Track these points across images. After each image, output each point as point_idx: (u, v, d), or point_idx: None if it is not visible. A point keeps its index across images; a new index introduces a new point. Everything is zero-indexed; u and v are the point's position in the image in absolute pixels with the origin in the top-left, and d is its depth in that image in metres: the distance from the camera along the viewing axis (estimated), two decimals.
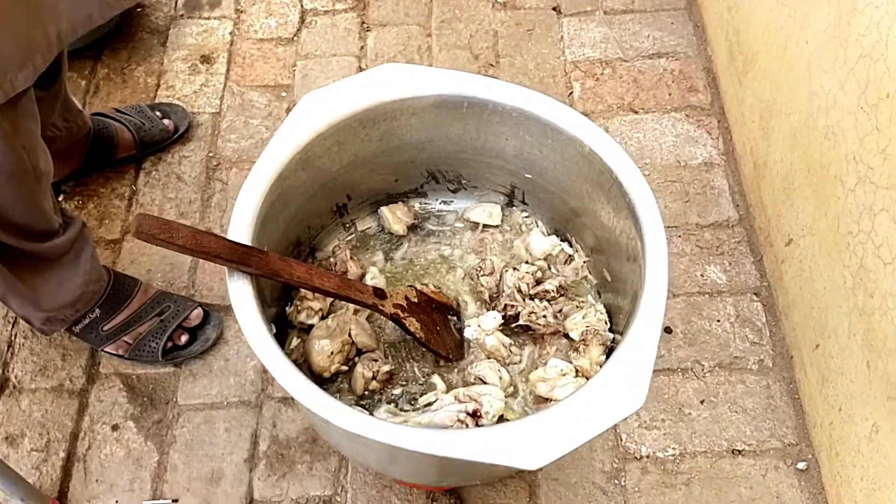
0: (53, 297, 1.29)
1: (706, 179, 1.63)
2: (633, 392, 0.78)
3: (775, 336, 1.45)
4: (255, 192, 0.90)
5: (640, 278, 0.88)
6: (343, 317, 1.03)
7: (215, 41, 1.85)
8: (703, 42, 1.82)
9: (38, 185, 1.13)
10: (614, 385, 0.78)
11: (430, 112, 1.01)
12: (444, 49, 1.84)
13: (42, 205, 1.16)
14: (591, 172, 0.98)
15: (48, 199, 1.18)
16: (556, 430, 0.75)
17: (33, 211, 1.15)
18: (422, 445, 0.74)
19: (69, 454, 1.36)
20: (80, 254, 1.29)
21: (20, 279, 1.23)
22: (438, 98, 1.00)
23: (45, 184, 1.15)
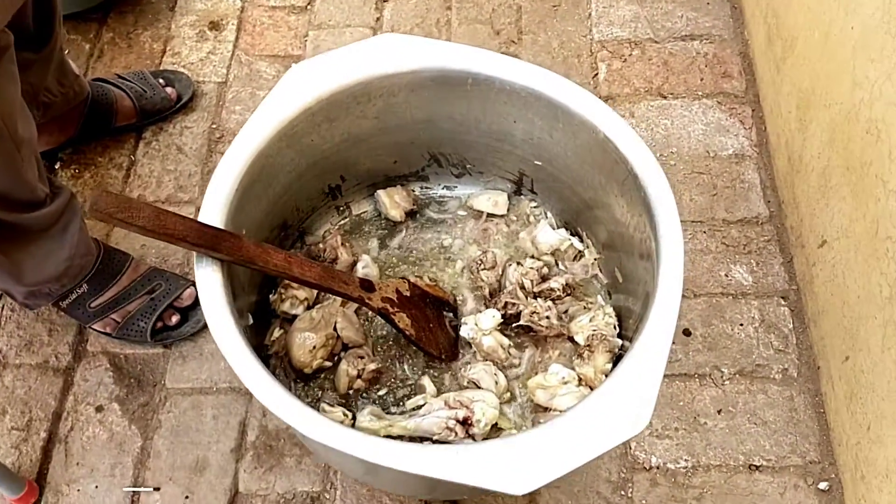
0: (37, 271, 1.22)
1: (736, 172, 1.53)
2: (637, 414, 0.69)
3: (802, 344, 1.35)
4: (232, 169, 0.82)
5: (652, 281, 0.79)
6: (329, 308, 0.96)
7: (225, 7, 1.77)
8: (740, 24, 1.71)
9: (18, 153, 1.05)
10: (616, 404, 0.70)
11: (430, 88, 0.93)
12: (463, 23, 1.74)
13: (23, 173, 1.09)
14: (604, 162, 0.89)
15: (31, 167, 1.11)
16: (546, 452, 0.67)
17: (13, 180, 1.08)
18: (394, 462, 0.66)
19: (50, 434, 1.31)
20: (68, 226, 1.22)
21: (1, 251, 1.16)
22: (439, 73, 0.91)
23: (25, 151, 1.08)
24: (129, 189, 1.54)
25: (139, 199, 1.52)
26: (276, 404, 0.70)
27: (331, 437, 0.68)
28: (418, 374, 0.95)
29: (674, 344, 1.35)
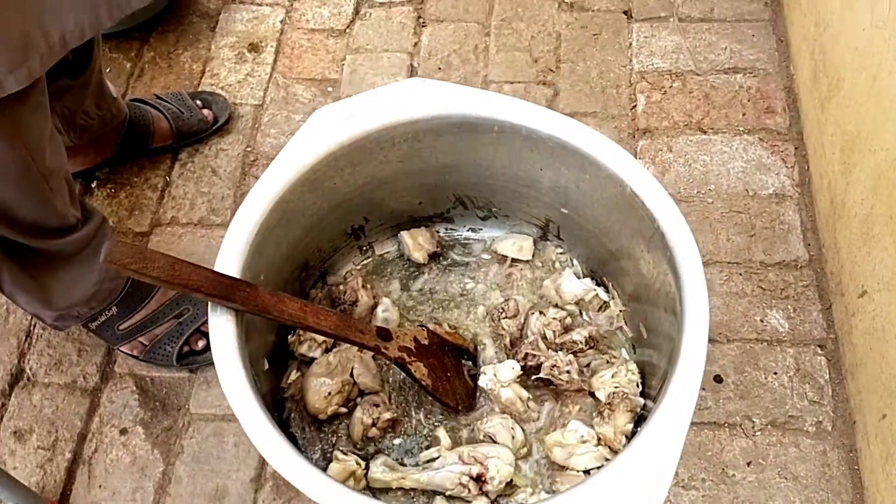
0: (66, 295, 1.24)
1: (776, 212, 1.48)
2: (651, 494, 0.67)
3: (838, 397, 1.30)
4: (251, 217, 0.82)
5: (676, 344, 0.76)
6: (346, 353, 0.95)
7: (265, 29, 1.78)
8: (785, 59, 1.66)
9: (47, 184, 1.07)
10: (630, 481, 0.67)
11: (456, 134, 0.91)
12: (501, 50, 1.73)
13: (52, 202, 1.10)
14: (631, 216, 0.86)
15: (62, 195, 1.12)
16: None
17: (42, 209, 1.09)
18: None
19: (75, 455, 1.32)
20: (98, 250, 1.23)
21: (30, 276, 1.17)
22: (465, 119, 0.89)
23: (55, 181, 1.09)
24: (164, 210, 1.55)
25: (172, 220, 1.53)
26: (283, 465, 0.69)
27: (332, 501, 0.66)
28: (434, 425, 0.93)
29: (704, 390, 1.31)
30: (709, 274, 1.40)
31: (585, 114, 1.62)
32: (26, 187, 1.03)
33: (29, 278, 1.17)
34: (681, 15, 1.74)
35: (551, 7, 1.78)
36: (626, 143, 1.58)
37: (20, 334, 1.43)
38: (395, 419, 0.93)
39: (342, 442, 0.93)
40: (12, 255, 1.13)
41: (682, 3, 1.76)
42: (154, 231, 1.53)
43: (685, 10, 1.75)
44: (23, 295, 1.19)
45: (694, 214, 1.49)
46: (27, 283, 1.17)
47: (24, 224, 1.09)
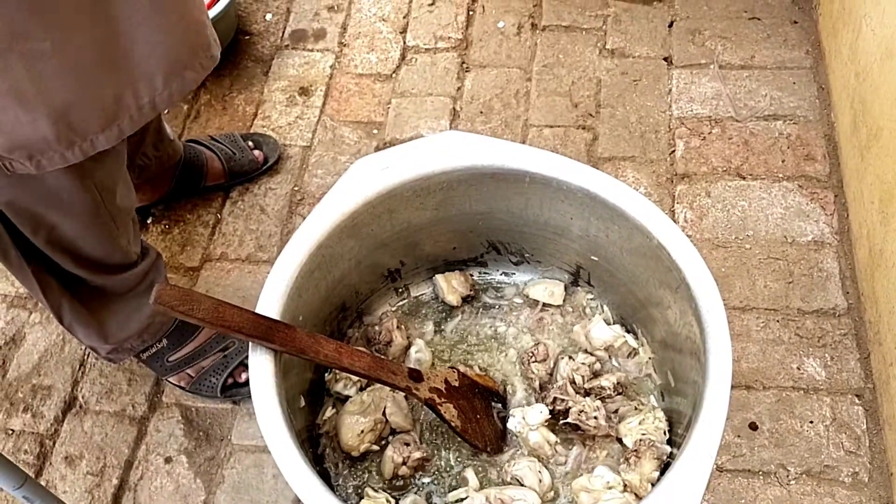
0: (121, 329, 1.30)
1: (814, 260, 1.48)
2: None
3: (875, 447, 1.29)
4: (291, 262, 0.86)
5: (699, 395, 0.78)
6: (380, 392, 0.98)
7: (315, 73, 1.85)
8: (826, 107, 1.66)
9: (114, 223, 1.13)
10: None
11: (489, 184, 0.95)
12: (542, 95, 1.77)
13: (117, 240, 1.17)
14: (658, 267, 0.89)
15: (126, 233, 1.19)
16: None
17: (107, 246, 1.16)
18: None
19: (122, 482, 1.37)
20: (152, 286, 1.28)
21: (88, 310, 1.24)
22: (498, 171, 0.93)
23: (121, 220, 1.16)
24: (213, 246, 1.61)
25: (221, 256, 1.60)
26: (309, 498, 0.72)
27: None
28: (463, 465, 0.96)
29: (738, 437, 1.31)
30: (745, 320, 1.41)
31: (624, 158, 1.65)
32: (95, 226, 1.09)
33: (87, 312, 1.24)
34: (721, 62, 1.76)
35: (592, 53, 1.82)
36: (665, 188, 1.60)
37: (74, 363, 1.49)
38: (425, 458, 0.95)
39: (373, 479, 0.96)
40: (73, 290, 1.20)
41: (722, 50, 1.78)
42: (204, 266, 1.60)
43: (726, 57, 1.77)
44: (81, 328, 1.26)
45: (731, 260, 1.50)
46: (86, 316, 1.24)
47: (89, 259, 1.15)
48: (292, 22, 1.94)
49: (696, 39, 1.80)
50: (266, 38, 1.92)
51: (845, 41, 1.58)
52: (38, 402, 1.45)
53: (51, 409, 1.44)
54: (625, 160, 1.65)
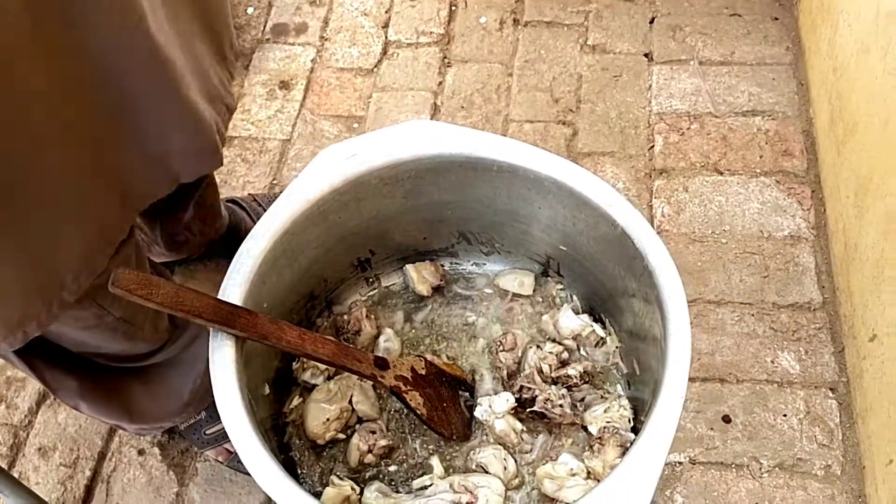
0: (156, 407, 1.16)
1: (790, 254, 1.48)
2: None
3: (848, 441, 1.29)
4: (255, 249, 0.86)
5: (658, 380, 0.78)
6: (347, 381, 0.98)
7: (296, 67, 1.85)
8: (805, 102, 1.67)
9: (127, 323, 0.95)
10: None
11: (457, 172, 0.95)
12: (523, 90, 1.77)
13: (135, 337, 0.99)
14: (623, 254, 0.89)
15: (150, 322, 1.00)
16: None
17: (125, 344, 1.00)
18: None
19: (95, 473, 1.37)
20: (194, 363, 1.13)
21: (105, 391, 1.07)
22: (466, 159, 0.93)
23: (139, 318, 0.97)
24: None
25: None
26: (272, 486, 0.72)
27: None
28: (428, 453, 0.96)
29: (712, 430, 1.31)
30: (721, 314, 1.41)
31: (603, 153, 1.65)
32: (103, 331, 0.93)
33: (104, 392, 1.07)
34: (701, 58, 1.77)
35: (573, 49, 1.82)
36: (643, 183, 1.60)
37: None
38: (391, 446, 0.95)
39: (339, 467, 0.96)
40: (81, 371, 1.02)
41: (702, 46, 1.78)
42: None
43: (706, 53, 1.77)
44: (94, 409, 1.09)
45: (708, 254, 1.50)
46: (101, 397, 1.07)
47: (107, 356, 1.02)
48: (274, 15, 1.94)
49: (677, 36, 1.81)
50: (247, 32, 1.92)
51: (824, 37, 1.59)
52: (13, 393, 1.44)
53: (24, 400, 1.43)
54: (604, 155, 1.65)
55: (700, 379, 1.36)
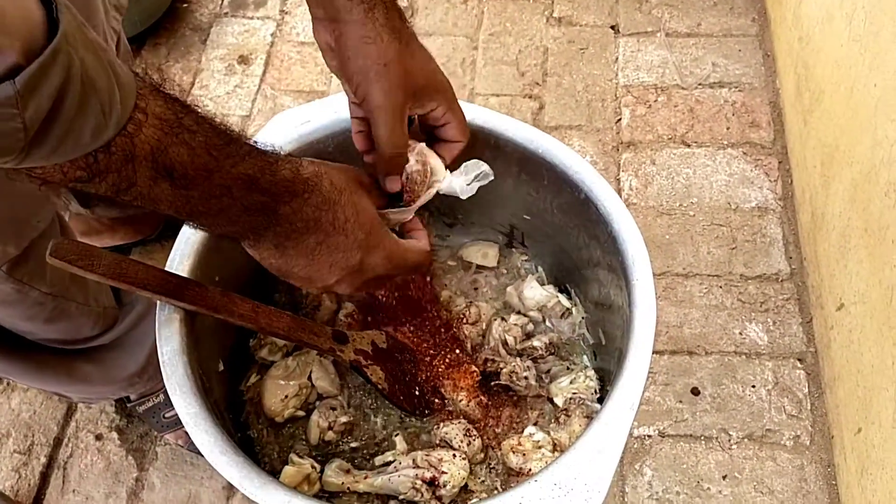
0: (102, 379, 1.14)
1: (758, 226, 1.47)
2: (589, 494, 0.66)
3: (817, 411, 1.29)
4: None
5: (623, 348, 0.75)
6: (306, 357, 0.95)
7: (255, 42, 1.80)
8: (771, 73, 1.66)
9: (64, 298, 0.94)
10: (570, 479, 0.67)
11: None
12: (489, 63, 1.74)
13: (78, 316, 0.98)
14: (587, 221, 0.86)
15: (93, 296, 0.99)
16: None
17: (67, 326, 0.98)
18: None
19: (50, 460, 1.32)
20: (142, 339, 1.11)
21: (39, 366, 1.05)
22: None
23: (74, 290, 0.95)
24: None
25: None
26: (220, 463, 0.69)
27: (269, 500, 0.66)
28: (391, 429, 0.93)
29: (681, 403, 1.30)
30: (688, 286, 1.40)
31: (570, 127, 1.63)
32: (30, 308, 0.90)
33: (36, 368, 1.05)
34: (668, 30, 1.75)
35: (539, 22, 1.79)
36: (610, 157, 1.58)
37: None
38: (352, 423, 0.92)
39: (300, 445, 0.93)
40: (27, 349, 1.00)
41: (669, 18, 1.76)
42: None
43: (672, 25, 1.76)
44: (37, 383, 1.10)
45: (676, 227, 1.48)
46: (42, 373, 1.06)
47: (50, 340, 1.00)
48: None
49: (643, 7, 1.79)
50: (204, 6, 1.87)
51: (789, 7, 1.58)
52: None
53: None
54: (571, 129, 1.63)
55: (668, 352, 1.35)
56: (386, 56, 0.70)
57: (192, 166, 0.55)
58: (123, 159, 0.51)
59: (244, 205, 0.59)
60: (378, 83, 0.71)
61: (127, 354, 1.13)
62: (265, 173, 0.60)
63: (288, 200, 0.62)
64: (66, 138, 0.46)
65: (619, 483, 1.23)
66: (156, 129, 0.52)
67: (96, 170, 0.50)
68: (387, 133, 0.73)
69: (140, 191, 0.53)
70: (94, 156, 0.49)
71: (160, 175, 0.53)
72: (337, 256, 0.68)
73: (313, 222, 0.64)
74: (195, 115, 0.55)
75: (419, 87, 0.74)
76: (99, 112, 0.47)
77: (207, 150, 0.55)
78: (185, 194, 0.56)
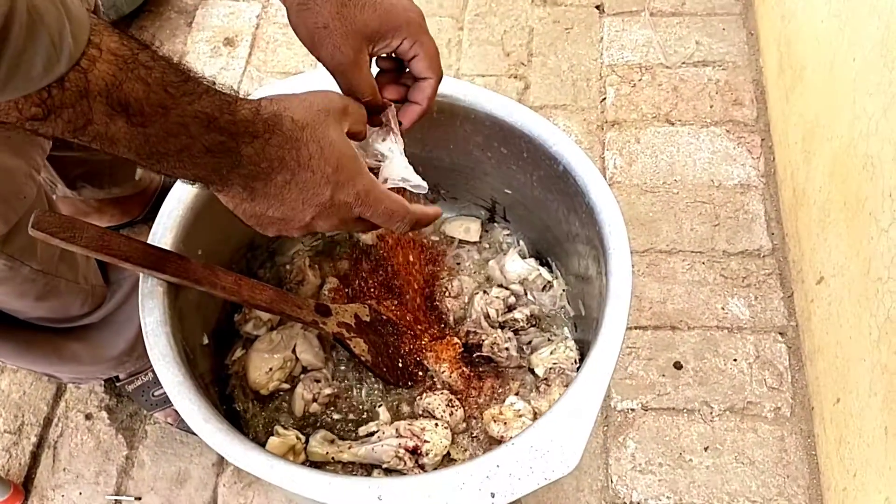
0: (91, 358, 1.15)
1: (740, 202, 1.49)
2: (565, 456, 0.67)
3: (797, 383, 1.31)
4: (186, 192, 0.83)
5: (599, 317, 0.77)
6: (290, 331, 0.96)
7: (241, 24, 1.80)
8: (755, 52, 1.67)
9: (53, 276, 0.94)
10: (542, 445, 0.68)
11: None
12: (474, 44, 1.74)
13: (66, 293, 0.98)
14: (566, 194, 0.87)
15: (82, 274, 1.00)
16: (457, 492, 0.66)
17: (55, 303, 0.98)
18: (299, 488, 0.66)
19: (40, 439, 1.33)
20: (131, 317, 1.12)
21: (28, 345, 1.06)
22: None
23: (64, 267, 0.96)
24: None
25: None
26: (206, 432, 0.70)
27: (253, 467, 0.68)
28: (375, 400, 0.94)
29: (663, 377, 1.32)
30: (672, 263, 1.41)
31: (556, 106, 1.64)
32: (21, 285, 0.90)
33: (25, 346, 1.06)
34: (652, 9, 1.75)
35: (524, 2, 1.80)
36: (595, 136, 1.59)
37: None
38: (336, 395, 0.94)
39: (284, 417, 0.94)
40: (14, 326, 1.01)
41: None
42: None
43: (657, 4, 1.76)
44: (26, 362, 1.10)
45: (659, 205, 1.50)
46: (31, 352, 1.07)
47: (40, 319, 1.00)
48: None
49: None
50: None
51: None
52: None
53: None
54: (556, 108, 1.64)
55: (652, 327, 1.36)
56: (322, 18, 0.70)
57: (148, 102, 0.54)
58: (78, 94, 0.50)
59: (204, 145, 0.59)
60: (323, 48, 0.71)
61: (115, 333, 1.14)
62: (224, 112, 0.59)
63: (249, 141, 0.61)
64: (15, 70, 0.46)
65: (602, 455, 1.25)
66: (110, 65, 0.51)
67: (51, 105, 0.50)
68: (346, 88, 0.74)
69: (97, 129, 0.53)
70: (49, 91, 0.49)
71: (115, 111, 0.53)
72: (307, 194, 0.66)
73: (277, 162, 0.64)
74: (151, 52, 0.55)
75: (373, 30, 0.72)
76: (49, 44, 0.47)
77: (163, 87, 0.55)
78: (142, 132, 0.55)
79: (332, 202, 0.68)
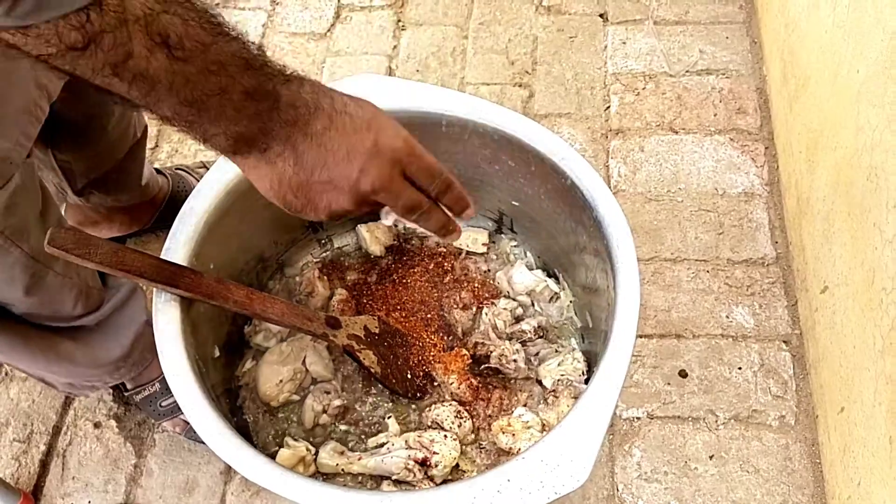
0: (87, 362, 1.13)
1: (745, 211, 1.50)
2: (575, 470, 0.68)
3: (802, 391, 1.31)
4: (199, 206, 0.84)
5: (608, 329, 0.78)
6: (300, 342, 0.97)
7: (247, 32, 1.81)
8: (758, 60, 1.68)
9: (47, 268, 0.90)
10: (552, 459, 0.69)
11: (407, 127, 0.92)
12: (479, 52, 1.75)
13: (60, 290, 0.95)
14: (573, 206, 0.88)
15: (71, 275, 0.96)
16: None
17: (48, 299, 0.95)
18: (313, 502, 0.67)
19: (49, 448, 1.34)
20: (128, 323, 1.11)
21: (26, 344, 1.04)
22: (415, 114, 0.91)
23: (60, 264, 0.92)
24: None
25: None
26: (219, 445, 0.71)
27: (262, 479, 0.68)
28: (384, 412, 0.95)
29: (668, 385, 1.33)
30: (676, 271, 1.42)
31: (560, 115, 1.65)
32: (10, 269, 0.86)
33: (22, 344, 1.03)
34: (656, 18, 1.76)
35: (529, 10, 1.81)
36: (599, 144, 1.60)
37: None
38: (345, 406, 0.95)
39: (294, 429, 0.95)
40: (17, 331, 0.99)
41: (657, 6, 1.78)
42: None
43: (661, 13, 1.77)
44: (23, 363, 1.09)
45: (664, 213, 1.51)
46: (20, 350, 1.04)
47: (33, 315, 0.98)
48: None
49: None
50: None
51: None
52: None
53: None
54: (560, 117, 1.65)
55: (657, 335, 1.37)
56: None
57: (187, 36, 0.54)
58: (117, 20, 0.51)
59: (244, 87, 0.59)
60: None
61: (112, 338, 1.12)
62: (256, 56, 0.60)
63: (284, 82, 0.62)
64: None
65: (608, 464, 1.26)
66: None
67: (91, 31, 0.50)
68: None
69: (137, 64, 0.53)
70: (87, 14, 0.49)
71: (155, 42, 0.53)
72: (350, 140, 0.65)
73: (313, 105, 0.63)
74: None
75: None
76: None
77: (200, 24, 0.55)
78: (182, 70, 0.55)
79: (377, 148, 0.66)
